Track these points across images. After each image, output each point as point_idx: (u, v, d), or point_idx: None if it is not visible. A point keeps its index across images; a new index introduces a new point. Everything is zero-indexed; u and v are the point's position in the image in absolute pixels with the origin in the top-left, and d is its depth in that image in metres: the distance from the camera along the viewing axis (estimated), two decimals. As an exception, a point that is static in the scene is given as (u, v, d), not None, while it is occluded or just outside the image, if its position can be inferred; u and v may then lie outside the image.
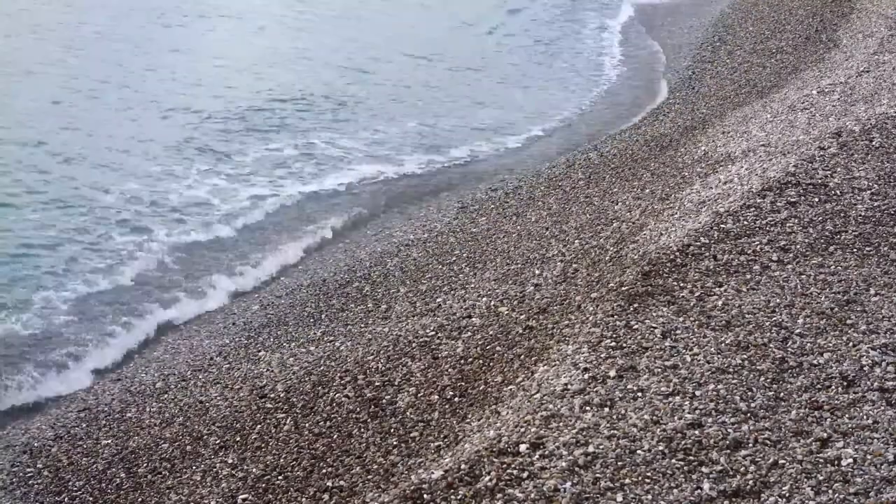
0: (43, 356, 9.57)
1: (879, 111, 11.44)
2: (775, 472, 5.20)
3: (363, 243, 12.28)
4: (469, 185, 14.54)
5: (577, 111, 18.84)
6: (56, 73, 18.87)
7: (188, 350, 9.79)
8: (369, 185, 14.71)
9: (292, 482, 6.86)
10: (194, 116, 17.01)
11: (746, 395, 5.88)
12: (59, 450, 8.05)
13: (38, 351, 9.65)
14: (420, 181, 15.01)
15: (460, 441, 6.28)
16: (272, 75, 19.89)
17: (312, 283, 11.00)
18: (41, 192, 13.40)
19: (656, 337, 6.56)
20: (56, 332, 10.04)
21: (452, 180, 14.99)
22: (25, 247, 11.82)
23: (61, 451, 8.03)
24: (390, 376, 7.79)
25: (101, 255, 11.72)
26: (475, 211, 12.65)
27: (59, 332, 10.03)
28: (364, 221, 13.40)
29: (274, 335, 9.68)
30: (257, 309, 10.59)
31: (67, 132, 15.76)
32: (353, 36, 23.64)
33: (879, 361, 6.22)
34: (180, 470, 7.47)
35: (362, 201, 14.09)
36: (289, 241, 12.67)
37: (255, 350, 9.39)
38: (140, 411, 8.51)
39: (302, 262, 12.12)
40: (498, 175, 14.85)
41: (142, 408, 8.57)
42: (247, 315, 10.47)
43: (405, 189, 14.65)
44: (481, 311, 8.62)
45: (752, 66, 18.56)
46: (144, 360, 9.80)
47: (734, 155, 11.17)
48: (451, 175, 15.26)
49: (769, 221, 8.36)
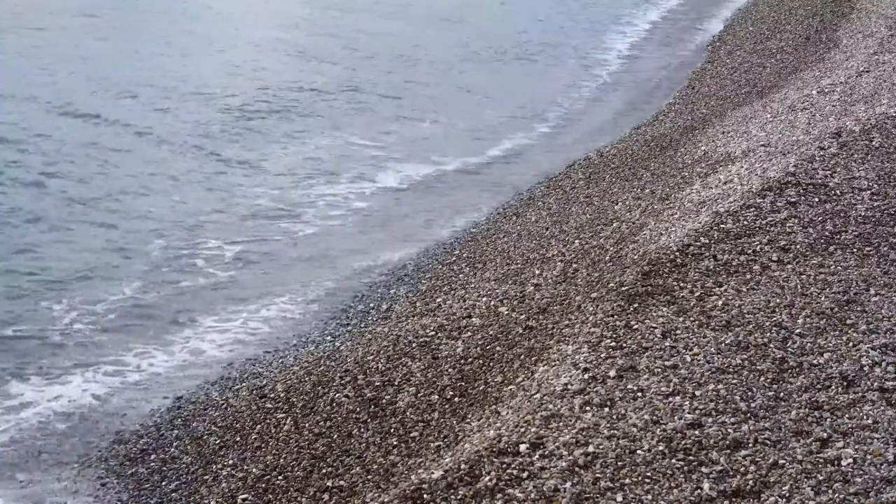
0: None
1: (879, 111, 11.44)
2: (775, 472, 5.20)
3: (363, 242, 12.27)
4: (470, 184, 14.53)
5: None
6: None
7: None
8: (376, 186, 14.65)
9: (292, 482, 6.86)
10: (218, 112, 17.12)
11: (746, 395, 5.88)
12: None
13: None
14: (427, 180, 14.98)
15: (460, 441, 6.28)
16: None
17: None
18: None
19: (656, 337, 6.56)
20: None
21: (452, 180, 14.98)
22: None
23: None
24: (390, 376, 7.78)
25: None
26: (474, 211, 12.66)
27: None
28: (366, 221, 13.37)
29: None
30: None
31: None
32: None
33: (879, 361, 6.22)
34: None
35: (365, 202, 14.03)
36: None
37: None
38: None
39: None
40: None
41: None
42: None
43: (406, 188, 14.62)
44: (481, 311, 8.62)
45: (752, 66, 18.56)
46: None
47: (734, 155, 11.17)
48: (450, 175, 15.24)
49: (769, 221, 8.36)
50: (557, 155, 15.46)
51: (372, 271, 11.06)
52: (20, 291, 10.39)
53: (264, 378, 8.56)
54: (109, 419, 8.34)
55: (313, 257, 11.75)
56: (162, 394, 8.70)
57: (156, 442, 7.91)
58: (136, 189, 13.46)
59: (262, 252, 11.80)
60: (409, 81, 20.05)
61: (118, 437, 8.06)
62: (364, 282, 10.75)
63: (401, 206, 13.51)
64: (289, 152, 15.49)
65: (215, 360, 9.33)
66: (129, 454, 7.79)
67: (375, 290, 10.34)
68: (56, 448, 7.94)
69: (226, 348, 9.56)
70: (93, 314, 10.10)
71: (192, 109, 17.14)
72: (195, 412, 8.25)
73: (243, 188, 13.82)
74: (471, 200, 13.58)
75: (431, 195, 14.01)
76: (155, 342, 9.64)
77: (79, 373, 9.05)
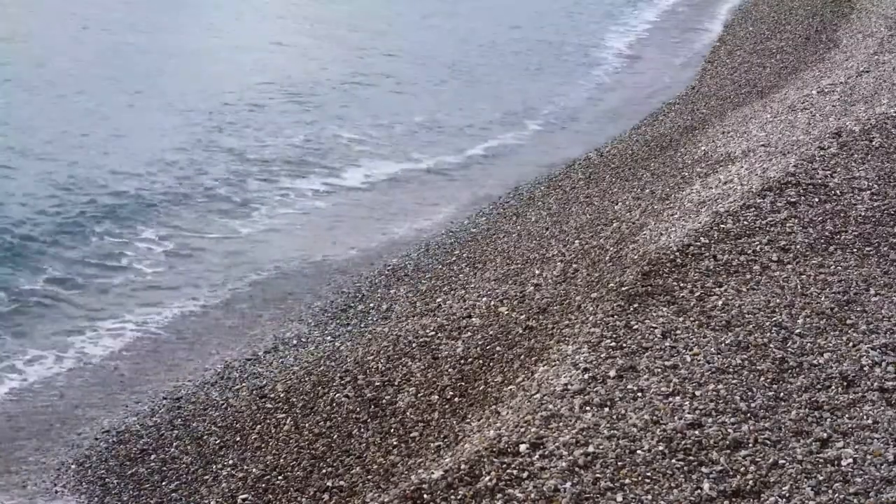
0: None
1: (879, 111, 11.44)
2: (775, 472, 5.20)
3: (363, 242, 12.28)
4: (471, 183, 14.56)
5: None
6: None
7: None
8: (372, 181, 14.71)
9: (292, 482, 6.86)
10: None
11: (746, 395, 5.88)
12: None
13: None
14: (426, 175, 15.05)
15: (460, 441, 6.28)
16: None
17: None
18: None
19: (656, 337, 6.56)
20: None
21: (454, 178, 15.02)
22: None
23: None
24: (390, 376, 7.78)
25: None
26: (475, 211, 12.66)
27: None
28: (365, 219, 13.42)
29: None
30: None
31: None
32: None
33: (879, 361, 6.22)
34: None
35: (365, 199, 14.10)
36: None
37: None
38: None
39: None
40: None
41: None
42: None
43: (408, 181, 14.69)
44: (481, 311, 8.62)
45: (752, 66, 18.56)
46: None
47: (734, 155, 11.18)
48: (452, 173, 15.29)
49: (769, 221, 8.36)
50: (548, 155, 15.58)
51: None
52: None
53: (264, 378, 8.56)
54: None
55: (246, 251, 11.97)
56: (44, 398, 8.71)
57: (156, 442, 7.91)
58: (111, 168, 13.73)
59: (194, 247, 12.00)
60: (394, 76, 20.18)
61: (118, 437, 8.06)
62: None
63: (360, 206, 13.68)
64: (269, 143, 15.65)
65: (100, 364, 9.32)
66: (129, 454, 7.79)
67: (375, 290, 10.34)
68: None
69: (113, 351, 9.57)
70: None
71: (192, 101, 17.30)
72: (195, 412, 8.25)
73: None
74: (445, 197, 13.77)
75: (399, 192, 14.24)
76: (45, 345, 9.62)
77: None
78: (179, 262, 11.53)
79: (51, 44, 19.87)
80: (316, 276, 11.22)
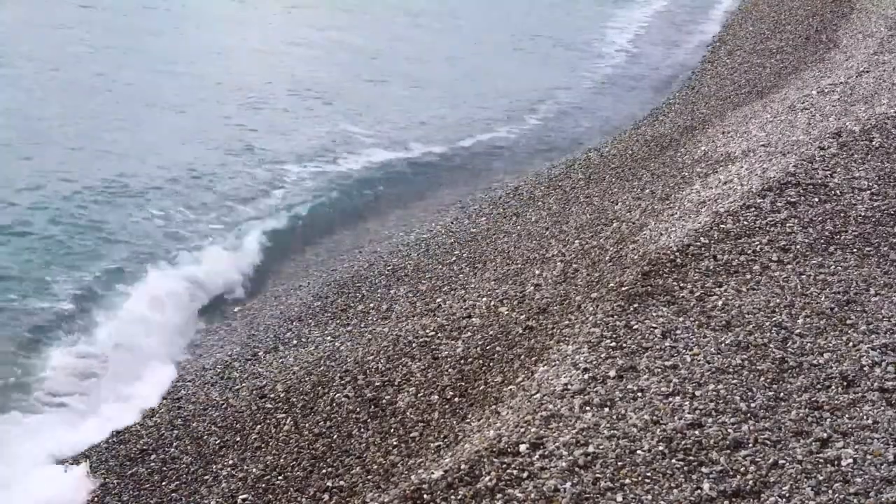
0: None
1: (879, 111, 11.44)
2: (775, 472, 5.20)
3: (363, 242, 12.29)
4: (471, 181, 14.57)
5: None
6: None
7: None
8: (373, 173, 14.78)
9: (292, 482, 6.86)
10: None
11: (746, 395, 5.88)
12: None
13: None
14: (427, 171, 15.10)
15: (460, 441, 6.28)
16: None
17: (311, 284, 11.01)
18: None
19: (656, 337, 6.56)
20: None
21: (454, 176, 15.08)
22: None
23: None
24: (390, 376, 7.79)
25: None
26: (475, 211, 12.65)
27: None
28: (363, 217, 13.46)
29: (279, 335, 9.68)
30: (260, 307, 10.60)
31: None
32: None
33: (879, 361, 6.22)
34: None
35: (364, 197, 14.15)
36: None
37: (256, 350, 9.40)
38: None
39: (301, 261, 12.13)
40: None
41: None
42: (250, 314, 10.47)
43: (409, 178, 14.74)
44: (481, 312, 8.62)
45: (752, 66, 18.56)
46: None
47: (734, 155, 11.17)
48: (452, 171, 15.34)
49: (769, 221, 8.36)
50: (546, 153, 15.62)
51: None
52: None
53: (264, 378, 8.56)
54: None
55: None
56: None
57: (156, 442, 7.91)
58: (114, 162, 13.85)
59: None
60: (395, 72, 20.26)
61: (118, 437, 8.07)
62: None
63: (360, 206, 13.77)
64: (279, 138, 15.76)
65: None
66: (129, 454, 7.79)
67: (375, 290, 10.33)
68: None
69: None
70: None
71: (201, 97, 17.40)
72: (195, 412, 8.25)
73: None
74: (445, 196, 13.82)
75: (400, 192, 14.32)
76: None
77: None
78: (179, 261, 11.53)
79: (60, 49, 19.86)
80: (316, 275, 11.22)
